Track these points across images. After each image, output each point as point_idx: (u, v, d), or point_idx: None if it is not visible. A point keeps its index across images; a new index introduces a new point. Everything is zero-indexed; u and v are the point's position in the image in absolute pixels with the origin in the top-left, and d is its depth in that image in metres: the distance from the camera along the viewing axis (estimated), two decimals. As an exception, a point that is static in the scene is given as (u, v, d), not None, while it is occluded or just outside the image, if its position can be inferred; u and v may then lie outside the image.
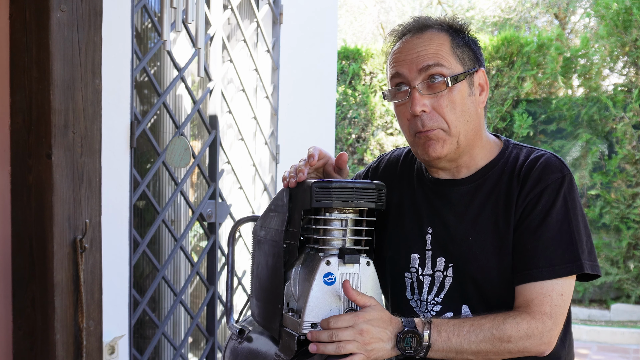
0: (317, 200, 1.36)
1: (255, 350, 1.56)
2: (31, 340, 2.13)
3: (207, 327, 3.29)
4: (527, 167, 1.47)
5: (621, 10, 7.22)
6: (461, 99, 1.47)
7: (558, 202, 1.43)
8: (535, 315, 1.40)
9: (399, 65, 1.49)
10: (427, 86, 1.46)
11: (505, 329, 1.38)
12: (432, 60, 1.45)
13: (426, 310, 1.53)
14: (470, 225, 1.49)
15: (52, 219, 2.08)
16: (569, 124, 7.71)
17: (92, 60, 2.19)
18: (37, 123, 2.10)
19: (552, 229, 1.42)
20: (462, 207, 1.51)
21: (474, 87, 1.50)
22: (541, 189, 1.44)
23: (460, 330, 1.38)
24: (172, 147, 2.86)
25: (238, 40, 3.55)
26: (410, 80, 1.47)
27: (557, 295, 1.41)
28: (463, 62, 1.48)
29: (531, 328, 1.39)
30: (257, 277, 1.59)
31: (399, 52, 1.50)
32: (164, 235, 3.22)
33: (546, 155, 1.49)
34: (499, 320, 1.39)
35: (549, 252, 1.42)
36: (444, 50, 1.46)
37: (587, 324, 6.94)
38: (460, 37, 1.50)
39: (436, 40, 1.47)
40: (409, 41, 1.49)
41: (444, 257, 1.51)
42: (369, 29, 15.29)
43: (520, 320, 1.39)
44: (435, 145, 1.47)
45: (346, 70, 8.69)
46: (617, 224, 7.36)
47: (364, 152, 8.58)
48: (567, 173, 1.46)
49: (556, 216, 1.43)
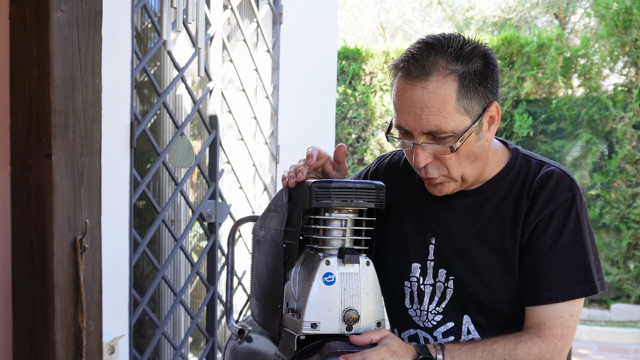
0: (317, 200, 1.36)
1: (255, 350, 1.56)
2: (31, 340, 2.13)
3: (207, 327, 3.29)
4: (538, 185, 1.44)
5: (621, 10, 7.22)
6: (467, 149, 1.41)
7: (570, 222, 1.41)
8: (546, 339, 1.39)
9: (403, 118, 1.40)
10: (432, 138, 1.39)
11: (517, 354, 1.37)
12: (434, 125, 1.36)
13: (426, 319, 1.52)
14: (475, 239, 1.47)
15: (52, 219, 2.08)
16: (569, 124, 7.71)
17: (92, 60, 2.20)
18: (37, 123, 2.10)
19: (565, 251, 1.41)
20: (469, 220, 1.49)
21: (483, 128, 1.41)
22: (552, 209, 1.41)
23: (473, 356, 1.37)
24: (175, 147, 2.86)
25: (238, 40, 3.55)
26: (414, 137, 1.40)
27: (569, 317, 1.41)
28: (470, 112, 1.37)
29: (542, 352, 1.39)
30: (256, 277, 1.59)
31: (403, 99, 1.39)
32: (164, 235, 3.22)
33: (556, 171, 1.46)
34: (511, 346, 1.38)
35: (562, 274, 1.40)
36: (448, 107, 1.35)
37: (587, 324, 6.94)
38: (471, 74, 1.37)
39: (441, 93, 1.35)
40: (412, 88, 1.37)
41: (445, 270, 1.49)
42: (369, 29, 15.29)
43: (532, 345, 1.38)
44: (440, 188, 1.46)
45: (346, 70, 8.69)
46: (617, 224, 7.36)
47: (364, 152, 8.58)
48: (577, 192, 1.44)
49: (568, 237, 1.41)
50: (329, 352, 1.32)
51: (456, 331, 1.49)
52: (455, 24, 14.15)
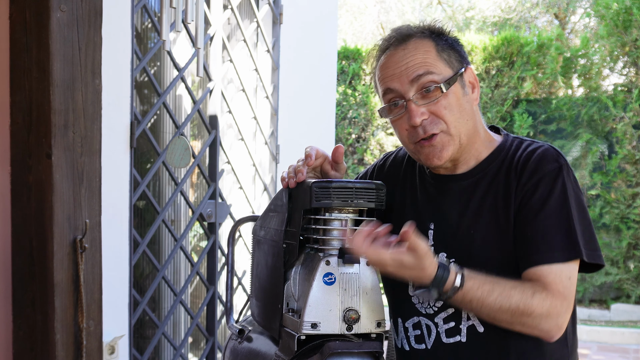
0: (317, 200, 1.36)
1: (255, 350, 1.56)
2: (31, 340, 2.13)
3: (207, 327, 3.29)
4: (524, 159, 1.48)
5: (621, 10, 7.22)
6: (457, 100, 1.48)
7: (556, 190, 1.44)
8: (554, 294, 1.41)
9: (389, 81, 1.49)
10: (422, 96, 1.47)
11: (533, 304, 1.39)
12: (422, 69, 1.46)
13: (428, 306, 1.53)
14: (472, 220, 1.50)
15: (52, 219, 2.08)
16: (569, 124, 7.71)
17: (92, 60, 2.20)
18: (37, 123, 2.10)
19: (551, 216, 1.44)
20: (464, 202, 1.52)
21: (466, 86, 1.52)
22: (538, 178, 1.45)
23: (488, 297, 1.38)
24: (172, 147, 2.86)
25: (238, 40, 3.55)
26: (403, 93, 1.47)
27: (566, 278, 1.42)
28: (451, 65, 1.49)
29: (552, 306, 1.40)
30: (257, 277, 1.59)
31: (386, 67, 1.50)
32: (164, 235, 3.22)
33: (543, 146, 1.51)
34: (528, 295, 1.39)
35: (549, 238, 1.43)
36: (431, 56, 1.47)
37: (587, 324, 6.94)
38: (443, 40, 1.51)
39: (421, 48, 1.48)
40: (393, 54, 1.49)
41: (445, 252, 1.52)
42: (369, 29, 15.29)
43: (545, 297, 1.40)
44: (438, 153, 1.49)
45: (346, 70, 8.69)
46: (617, 224, 7.36)
47: (364, 152, 8.58)
48: (564, 163, 1.48)
49: (554, 204, 1.44)
50: (330, 352, 1.32)
51: (456, 316, 1.50)
52: (455, 24, 14.15)
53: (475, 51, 8.13)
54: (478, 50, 8.12)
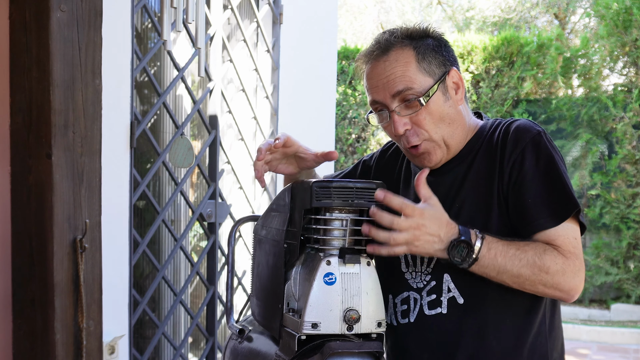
0: (318, 200, 1.36)
1: (255, 350, 1.56)
2: (31, 340, 2.13)
3: (207, 327, 3.29)
4: (503, 134, 1.53)
5: (621, 10, 7.22)
6: (438, 108, 1.53)
7: (542, 155, 1.49)
8: (565, 254, 1.44)
9: (374, 92, 1.54)
10: (405, 107, 1.52)
11: (546, 259, 1.42)
12: (401, 85, 1.50)
13: (419, 280, 1.57)
14: (457, 202, 1.54)
15: (52, 219, 2.08)
16: (569, 124, 7.71)
17: (92, 60, 2.19)
18: (37, 123, 2.09)
19: (544, 179, 1.48)
20: (452, 191, 1.57)
21: (448, 90, 1.55)
22: (522, 147, 1.49)
23: (507, 252, 1.42)
24: (175, 147, 2.86)
25: (238, 40, 3.55)
26: (387, 105, 1.53)
27: (572, 239, 1.46)
28: (431, 73, 1.52)
29: (566, 264, 1.44)
30: (257, 276, 1.59)
31: (370, 77, 1.55)
32: (164, 235, 3.22)
33: (517, 120, 1.56)
34: (540, 250, 1.43)
35: (548, 200, 1.47)
36: (411, 69, 1.51)
37: (587, 324, 6.94)
38: (425, 46, 1.53)
39: (401, 60, 1.51)
40: (376, 65, 1.54)
41: None
42: (369, 29, 15.30)
43: (557, 255, 1.44)
44: (428, 158, 1.56)
45: (346, 70, 8.69)
46: (617, 224, 7.36)
47: (364, 152, 8.58)
48: (541, 130, 1.53)
49: (544, 167, 1.49)
50: (330, 352, 1.32)
51: (437, 290, 1.54)
52: (455, 24, 14.16)
53: (475, 51, 8.13)
54: (478, 50, 8.13)
